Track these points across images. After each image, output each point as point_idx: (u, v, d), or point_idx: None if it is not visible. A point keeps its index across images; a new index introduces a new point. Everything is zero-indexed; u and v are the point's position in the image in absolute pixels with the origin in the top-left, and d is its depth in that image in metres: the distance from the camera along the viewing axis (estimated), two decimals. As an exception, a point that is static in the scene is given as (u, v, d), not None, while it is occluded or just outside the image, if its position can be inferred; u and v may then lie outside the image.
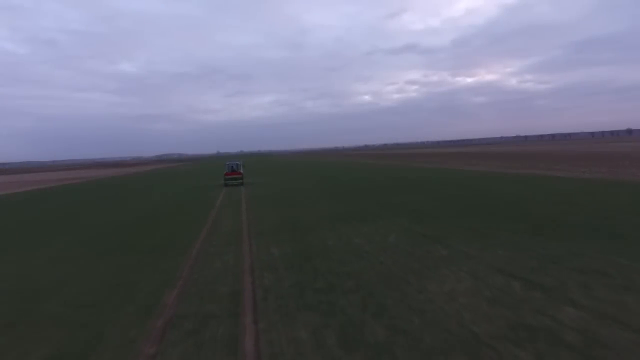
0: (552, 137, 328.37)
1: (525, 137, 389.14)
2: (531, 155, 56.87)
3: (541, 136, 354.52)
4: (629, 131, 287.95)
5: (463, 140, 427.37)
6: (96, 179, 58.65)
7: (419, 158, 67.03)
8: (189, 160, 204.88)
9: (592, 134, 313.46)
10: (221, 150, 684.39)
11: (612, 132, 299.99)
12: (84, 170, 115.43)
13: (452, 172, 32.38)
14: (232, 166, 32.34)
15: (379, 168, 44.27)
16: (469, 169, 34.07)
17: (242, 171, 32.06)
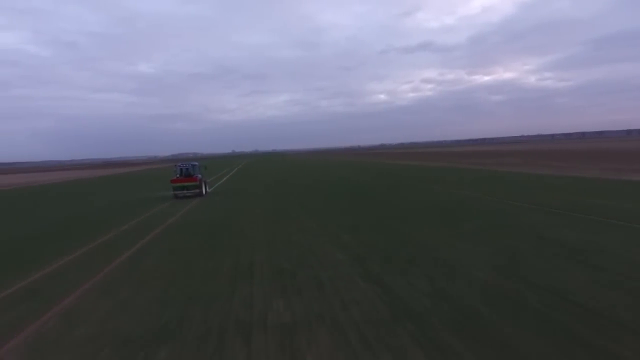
0: (582, 135, 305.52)
1: (552, 135, 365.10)
2: (621, 153, 42.40)
3: (568, 134, 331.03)
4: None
5: (483, 139, 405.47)
6: (55, 183, 47.34)
7: (469, 158, 52.87)
8: (200, 160, 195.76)
9: (629, 131, 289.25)
10: (236, 150, 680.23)
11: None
12: (81, 170, 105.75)
13: (589, 181, 18.71)
14: (187, 169, 20.80)
15: (441, 173, 30.72)
16: (587, 176, 20.31)
17: (200, 176, 21.05)
